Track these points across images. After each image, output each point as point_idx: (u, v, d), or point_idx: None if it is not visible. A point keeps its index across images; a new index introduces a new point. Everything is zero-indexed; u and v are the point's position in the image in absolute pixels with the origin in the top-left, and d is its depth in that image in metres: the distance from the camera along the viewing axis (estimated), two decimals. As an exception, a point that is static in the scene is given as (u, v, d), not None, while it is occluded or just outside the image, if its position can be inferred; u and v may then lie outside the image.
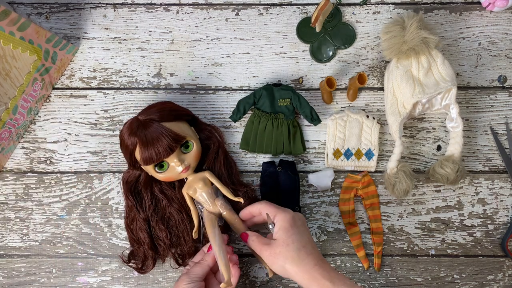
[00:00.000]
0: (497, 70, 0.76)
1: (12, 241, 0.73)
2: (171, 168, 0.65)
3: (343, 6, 0.77)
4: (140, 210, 0.69)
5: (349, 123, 0.73)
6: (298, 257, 0.56)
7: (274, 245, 0.58)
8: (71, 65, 0.76)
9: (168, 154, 0.63)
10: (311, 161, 0.74)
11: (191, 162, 0.66)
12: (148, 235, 0.69)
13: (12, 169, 0.74)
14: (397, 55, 0.69)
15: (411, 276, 0.73)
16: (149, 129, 0.63)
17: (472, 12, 0.77)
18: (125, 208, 0.70)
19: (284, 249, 0.57)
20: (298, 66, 0.76)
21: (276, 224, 0.60)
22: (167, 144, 0.62)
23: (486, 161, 0.75)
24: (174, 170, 0.65)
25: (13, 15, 0.58)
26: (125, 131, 0.65)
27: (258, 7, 0.77)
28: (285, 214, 0.59)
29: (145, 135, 0.62)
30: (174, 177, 0.66)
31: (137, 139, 0.63)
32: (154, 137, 0.62)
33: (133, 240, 0.70)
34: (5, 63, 0.62)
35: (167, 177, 0.66)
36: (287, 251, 0.56)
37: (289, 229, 0.58)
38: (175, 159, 0.64)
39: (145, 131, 0.63)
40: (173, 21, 0.77)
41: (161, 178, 0.66)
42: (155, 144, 0.62)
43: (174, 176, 0.66)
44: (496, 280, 0.73)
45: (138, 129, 0.63)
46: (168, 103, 0.68)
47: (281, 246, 0.57)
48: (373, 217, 0.72)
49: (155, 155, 0.62)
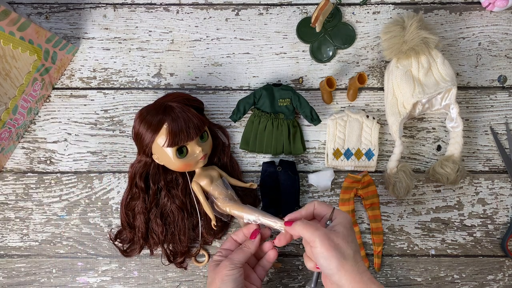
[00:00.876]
0: (497, 70, 0.76)
1: (12, 241, 0.73)
2: (190, 155, 0.65)
3: (343, 6, 0.77)
4: (145, 199, 0.69)
5: (349, 123, 0.73)
6: (354, 259, 0.53)
7: (333, 234, 0.53)
8: (71, 65, 0.76)
9: (196, 136, 0.64)
10: (311, 161, 0.74)
11: (207, 151, 0.67)
12: (145, 225, 0.69)
13: (12, 169, 0.74)
14: (397, 55, 0.69)
15: (411, 276, 0.73)
16: (177, 111, 0.63)
17: (472, 12, 0.77)
18: (127, 191, 0.70)
19: (344, 243, 0.53)
20: (298, 66, 0.76)
21: (336, 220, 0.56)
22: (196, 126, 0.63)
23: (486, 161, 0.75)
24: (193, 157, 0.65)
25: (13, 15, 0.58)
26: (146, 112, 0.64)
27: (258, 7, 0.77)
28: (345, 214, 0.57)
29: (176, 115, 0.63)
30: (192, 165, 0.66)
31: (165, 118, 0.63)
32: (185, 118, 0.63)
33: (127, 223, 0.70)
34: (5, 63, 0.62)
35: (185, 164, 0.65)
36: (346, 247, 0.53)
37: (349, 228, 0.55)
38: (196, 145, 0.65)
39: (175, 112, 0.63)
40: (173, 21, 0.77)
41: (178, 165, 0.65)
42: (186, 124, 0.63)
43: (192, 163, 0.66)
44: (496, 280, 0.73)
45: (166, 109, 0.63)
46: (185, 94, 0.69)
47: (341, 239, 0.53)
48: (373, 217, 0.72)
49: (185, 134, 0.63)
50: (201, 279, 0.72)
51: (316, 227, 0.54)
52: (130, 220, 0.70)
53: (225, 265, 0.59)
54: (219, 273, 0.59)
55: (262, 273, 0.64)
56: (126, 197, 0.70)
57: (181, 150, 0.64)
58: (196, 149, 0.65)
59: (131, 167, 0.69)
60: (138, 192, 0.69)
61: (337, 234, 0.54)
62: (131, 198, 0.70)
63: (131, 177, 0.69)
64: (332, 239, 0.53)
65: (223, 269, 0.59)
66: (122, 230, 0.71)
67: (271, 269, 0.73)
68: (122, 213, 0.70)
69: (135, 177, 0.69)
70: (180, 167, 0.66)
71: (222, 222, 0.71)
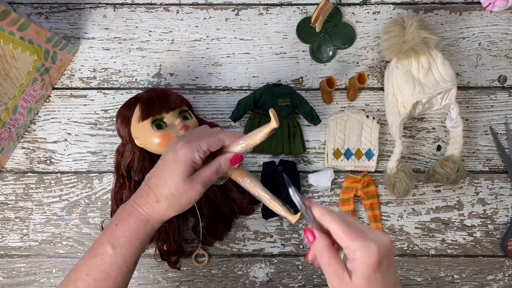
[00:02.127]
0: (497, 70, 0.76)
1: (12, 241, 0.73)
2: (169, 127, 0.63)
3: (343, 6, 0.77)
4: (131, 188, 0.66)
5: (349, 123, 0.73)
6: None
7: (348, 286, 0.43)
8: (71, 65, 0.76)
9: (172, 108, 0.63)
10: (311, 161, 0.74)
11: (190, 126, 0.65)
12: None
13: (12, 169, 0.74)
14: (397, 55, 0.69)
15: (411, 276, 0.73)
16: (152, 91, 0.65)
17: (472, 12, 0.77)
18: (115, 182, 0.69)
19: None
20: (298, 66, 0.76)
21: (355, 262, 0.43)
22: (173, 100, 0.64)
23: (486, 161, 0.75)
24: (172, 128, 0.63)
25: (13, 15, 0.58)
26: (122, 106, 0.66)
27: (258, 7, 0.77)
28: (369, 253, 0.42)
29: (150, 93, 0.64)
30: (171, 137, 0.62)
31: (141, 97, 0.64)
32: (159, 93, 0.64)
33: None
34: (5, 63, 0.62)
35: (164, 136, 0.62)
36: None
37: (371, 277, 0.42)
38: (174, 117, 0.64)
39: (148, 93, 0.65)
40: (173, 21, 0.77)
41: (158, 141, 0.62)
42: (159, 97, 0.63)
43: (172, 134, 0.62)
44: (496, 280, 0.73)
45: (142, 94, 0.66)
46: (166, 89, 0.70)
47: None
48: (373, 217, 0.72)
49: (158, 104, 0.62)
50: (201, 279, 0.72)
51: (335, 272, 0.44)
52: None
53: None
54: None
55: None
56: (115, 186, 0.69)
57: (158, 125, 0.63)
58: (174, 121, 0.63)
59: (116, 152, 0.68)
60: (124, 181, 0.67)
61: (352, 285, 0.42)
62: (120, 187, 0.68)
63: (116, 165, 0.68)
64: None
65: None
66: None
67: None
68: (113, 204, 0.69)
69: (119, 167, 0.68)
70: (160, 143, 0.62)
71: (224, 225, 0.71)
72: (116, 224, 0.52)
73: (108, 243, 0.51)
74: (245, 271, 0.73)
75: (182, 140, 0.53)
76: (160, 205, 0.52)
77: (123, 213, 0.53)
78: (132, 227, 0.51)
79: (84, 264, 0.52)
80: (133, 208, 0.52)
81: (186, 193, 0.51)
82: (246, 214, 0.73)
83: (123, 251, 0.51)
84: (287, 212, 0.58)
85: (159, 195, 0.51)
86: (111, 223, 0.53)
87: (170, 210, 0.52)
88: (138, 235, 0.52)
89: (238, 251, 0.73)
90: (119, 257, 0.51)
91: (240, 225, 0.73)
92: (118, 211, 0.54)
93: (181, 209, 0.53)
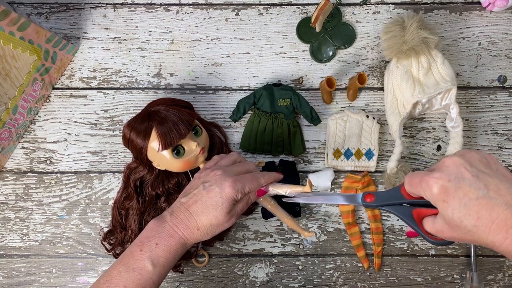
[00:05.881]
0: (497, 70, 0.76)
1: (12, 241, 0.73)
2: (187, 153, 0.64)
3: (343, 6, 0.77)
4: (140, 203, 0.68)
5: (349, 123, 0.73)
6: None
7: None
8: (71, 65, 0.76)
9: (188, 131, 0.63)
10: (311, 161, 0.74)
11: (204, 144, 0.66)
12: (139, 228, 0.68)
13: (12, 169, 0.74)
14: (397, 55, 0.69)
15: (411, 276, 0.73)
16: (162, 113, 0.63)
17: (472, 12, 0.77)
18: (122, 190, 0.70)
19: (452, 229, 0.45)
20: (298, 66, 0.76)
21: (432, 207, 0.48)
22: (186, 122, 0.63)
23: (486, 161, 0.74)
24: (191, 154, 0.64)
25: (13, 15, 0.58)
26: (133, 122, 0.64)
27: (258, 7, 0.77)
28: (426, 191, 0.46)
29: (163, 117, 0.63)
30: (192, 162, 0.65)
31: (152, 123, 0.62)
32: (172, 117, 0.63)
33: (119, 224, 0.70)
34: (5, 63, 0.62)
35: (185, 162, 0.64)
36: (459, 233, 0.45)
37: (448, 208, 0.44)
38: (191, 141, 0.64)
39: (160, 115, 0.63)
40: (173, 21, 0.77)
41: (179, 166, 0.65)
42: (174, 122, 0.62)
43: (192, 160, 0.65)
44: (496, 280, 0.73)
45: (150, 115, 0.63)
46: (167, 98, 0.68)
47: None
48: (373, 217, 0.72)
49: (176, 133, 0.62)
50: (201, 279, 0.73)
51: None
52: (123, 220, 0.69)
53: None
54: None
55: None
56: (121, 196, 0.70)
57: (177, 151, 0.64)
58: (192, 145, 0.64)
59: (127, 168, 0.69)
60: (132, 193, 0.68)
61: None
62: (126, 197, 0.69)
63: (125, 177, 0.69)
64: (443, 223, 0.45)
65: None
66: (113, 230, 0.71)
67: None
68: (115, 212, 0.70)
69: (129, 179, 0.68)
70: (181, 167, 0.65)
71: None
72: (156, 244, 0.55)
73: (148, 260, 0.54)
74: (245, 271, 0.73)
75: (229, 178, 0.57)
76: (199, 232, 0.57)
77: (162, 234, 0.56)
78: (173, 248, 0.55)
79: (120, 275, 0.53)
80: (173, 231, 0.56)
81: (222, 224, 0.57)
82: (246, 214, 0.73)
83: (161, 270, 0.55)
84: (302, 230, 0.67)
85: (200, 223, 0.56)
86: (148, 241, 0.55)
87: (206, 236, 0.58)
88: (176, 256, 0.56)
89: (238, 251, 0.73)
90: (156, 275, 0.54)
91: (240, 225, 0.73)
92: (153, 228, 0.56)
93: (213, 235, 0.58)
